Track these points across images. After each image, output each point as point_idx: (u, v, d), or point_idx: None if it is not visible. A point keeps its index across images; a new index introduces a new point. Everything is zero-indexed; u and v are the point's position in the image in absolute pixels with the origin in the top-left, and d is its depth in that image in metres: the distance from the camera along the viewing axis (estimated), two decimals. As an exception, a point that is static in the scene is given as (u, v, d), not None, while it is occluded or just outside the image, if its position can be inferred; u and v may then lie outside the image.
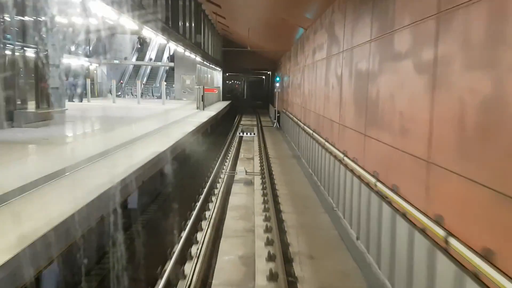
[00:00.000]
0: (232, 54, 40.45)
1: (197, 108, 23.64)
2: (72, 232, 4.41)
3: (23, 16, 12.19)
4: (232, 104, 46.41)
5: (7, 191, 5.10)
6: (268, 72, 51.49)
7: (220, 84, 38.88)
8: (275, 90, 29.71)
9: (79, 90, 26.52)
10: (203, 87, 23.49)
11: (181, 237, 7.73)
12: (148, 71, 43.89)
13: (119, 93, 39.76)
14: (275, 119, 30.22)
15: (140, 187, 7.76)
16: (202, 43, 24.00)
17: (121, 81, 37.56)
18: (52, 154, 8.61)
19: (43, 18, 12.45)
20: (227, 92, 75.47)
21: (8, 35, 11.99)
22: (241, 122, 33.44)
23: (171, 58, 38.00)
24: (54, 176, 6.16)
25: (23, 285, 3.58)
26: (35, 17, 12.55)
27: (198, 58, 23.75)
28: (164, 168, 9.83)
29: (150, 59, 41.40)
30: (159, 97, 38.47)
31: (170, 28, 15.78)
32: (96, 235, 5.73)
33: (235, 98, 77.16)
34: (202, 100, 23.29)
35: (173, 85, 38.99)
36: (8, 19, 11.99)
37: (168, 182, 11.66)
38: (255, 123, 33.12)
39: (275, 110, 30.06)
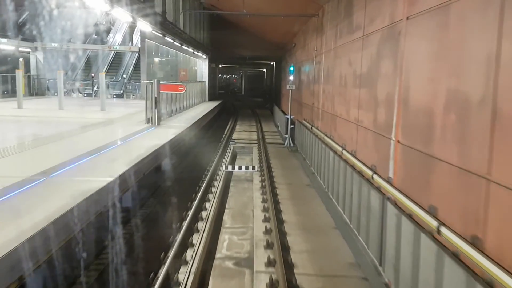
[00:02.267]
0: (223, 38, 29.27)
1: (148, 121, 12.54)
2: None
3: None
4: (224, 104, 35.26)
5: None
6: (271, 63, 40.32)
7: (206, 77, 27.97)
8: (287, 86, 18.59)
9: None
10: (157, 83, 12.39)
11: None
12: (110, 59, 32.63)
13: (66, 90, 28.69)
14: (286, 133, 19.13)
15: None
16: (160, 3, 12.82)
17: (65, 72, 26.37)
18: None
19: None
20: (221, 88, 64.55)
21: None
22: (234, 134, 22.38)
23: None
24: None
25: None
26: None
27: (145, 25, 12.59)
28: None
29: (105, 42, 30.25)
30: (119, 96, 27.42)
31: None
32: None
33: (231, 95, 66.16)
34: (155, 107, 12.22)
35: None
36: None
37: None
38: (254, 136, 22.02)
39: (287, 119, 18.98)
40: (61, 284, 5.14)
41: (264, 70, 58.58)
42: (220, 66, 50.08)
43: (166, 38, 14.71)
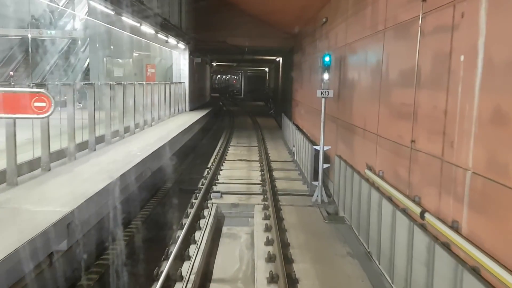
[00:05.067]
0: (211, 24, 20.65)
1: None
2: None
3: None
4: (214, 114, 26.59)
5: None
6: (277, 59, 31.64)
7: (186, 77, 19.31)
8: (319, 93, 9.89)
9: None
10: None
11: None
12: (60, 51, 23.88)
13: None
14: (315, 179, 10.48)
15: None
16: None
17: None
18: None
19: None
20: (215, 90, 56.21)
21: None
22: (224, 168, 13.71)
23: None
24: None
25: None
26: None
27: None
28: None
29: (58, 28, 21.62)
30: (63, 105, 18.68)
31: None
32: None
33: (229, 98, 57.65)
34: None
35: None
36: None
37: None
38: (256, 173, 13.33)
39: (316, 151, 10.35)
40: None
41: (267, 69, 50.03)
42: (214, 64, 41.48)
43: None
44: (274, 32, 21.91)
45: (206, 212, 9.13)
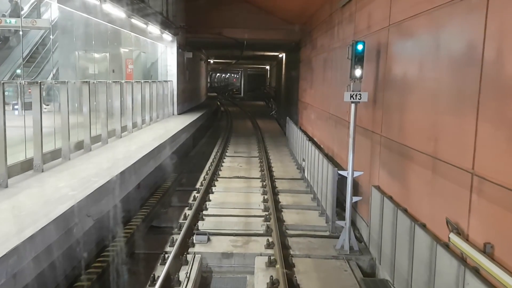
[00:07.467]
0: (203, 5, 17.67)
1: None
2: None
3: None
4: (208, 117, 23.57)
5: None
6: (280, 55, 28.52)
7: (175, 76, 16.29)
8: (347, 95, 6.88)
9: None
10: None
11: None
12: (35, 43, 20.86)
13: None
14: (338, 216, 7.48)
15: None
16: None
17: None
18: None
19: None
20: (213, 89, 53.54)
21: None
22: (217, 191, 10.73)
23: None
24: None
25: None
26: None
27: None
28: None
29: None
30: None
31: None
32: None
33: (229, 97, 54.92)
34: None
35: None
36: None
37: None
38: (256, 197, 10.30)
39: (339, 175, 7.33)
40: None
41: (267, 67, 47.00)
42: (211, 61, 38.44)
43: None
44: (277, 23, 18.92)
45: (183, 274, 6.13)
